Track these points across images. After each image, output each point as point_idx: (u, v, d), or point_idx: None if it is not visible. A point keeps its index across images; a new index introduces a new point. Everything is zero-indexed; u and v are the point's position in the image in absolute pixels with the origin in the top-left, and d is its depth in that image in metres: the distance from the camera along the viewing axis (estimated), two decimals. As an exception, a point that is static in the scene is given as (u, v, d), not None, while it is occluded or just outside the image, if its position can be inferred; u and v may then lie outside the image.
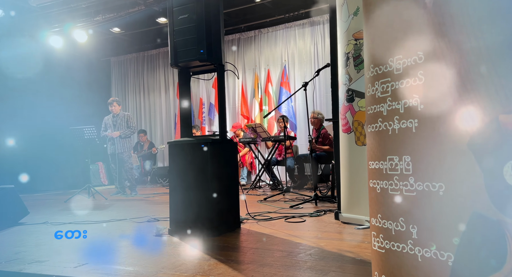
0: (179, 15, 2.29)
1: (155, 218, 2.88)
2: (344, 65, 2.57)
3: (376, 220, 0.92)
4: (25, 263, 1.70)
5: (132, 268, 1.57)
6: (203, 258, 1.72)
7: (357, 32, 2.48)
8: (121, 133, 4.93)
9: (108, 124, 5.05)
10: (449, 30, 0.77)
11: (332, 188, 3.75)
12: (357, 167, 2.41)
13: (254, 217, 2.75)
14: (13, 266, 1.66)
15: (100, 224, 2.75)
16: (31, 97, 7.10)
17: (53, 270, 1.57)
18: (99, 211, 3.52)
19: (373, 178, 0.93)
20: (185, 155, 2.29)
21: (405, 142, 0.84)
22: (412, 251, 0.81)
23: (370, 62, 0.97)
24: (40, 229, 2.62)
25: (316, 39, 6.85)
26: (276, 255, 1.73)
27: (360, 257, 1.62)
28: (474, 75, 0.73)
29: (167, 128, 8.20)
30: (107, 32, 7.19)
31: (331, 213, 2.86)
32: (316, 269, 1.48)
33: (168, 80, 8.24)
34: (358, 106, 2.44)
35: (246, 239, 2.10)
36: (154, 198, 4.72)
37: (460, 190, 0.73)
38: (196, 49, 2.26)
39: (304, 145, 6.63)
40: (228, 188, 2.39)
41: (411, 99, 0.84)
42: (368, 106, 0.97)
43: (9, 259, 1.78)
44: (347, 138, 2.50)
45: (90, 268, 1.59)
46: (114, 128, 5.00)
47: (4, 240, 2.29)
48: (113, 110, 5.02)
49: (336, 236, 2.08)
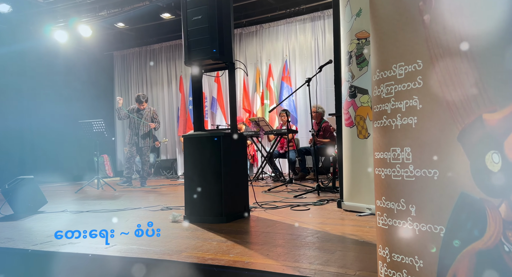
0: (193, 17, 2.43)
1: (167, 207, 3.05)
2: (347, 63, 2.73)
3: (381, 202, 1.09)
4: (59, 244, 1.87)
5: (159, 249, 1.74)
6: (220, 240, 1.89)
7: (360, 32, 2.63)
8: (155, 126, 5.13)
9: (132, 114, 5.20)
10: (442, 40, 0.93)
11: (333, 179, 3.94)
12: (359, 159, 2.58)
13: (262, 206, 2.93)
14: (48, 247, 1.83)
15: (118, 211, 2.92)
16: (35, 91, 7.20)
17: (86, 250, 1.74)
18: (111, 201, 3.69)
19: (378, 166, 1.10)
20: (199, 147, 2.45)
21: (406, 136, 1.01)
22: (411, 226, 0.98)
23: (376, 67, 1.13)
24: (61, 217, 2.79)
25: (317, 34, 6.97)
26: (286, 238, 1.91)
27: (363, 239, 1.80)
28: (463, 79, 0.89)
29: (170, 122, 8.33)
30: (111, 27, 7.27)
31: (334, 202, 3.04)
32: (323, 249, 1.66)
33: (171, 75, 8.35)
34: (360, 101, 2.61)
35: (256, 225, 2.28)
36: (161, 189, 4.89)
37: (451, 175, 0.89)
38: (209, 49, 2.41)
39: (305, 138, 6.81)
40: (239, 178, 2.56)
41: (411, 99, 1.00)
42: (375, 105, 1.13)
43: (42, 241, 1.95)
44: (350, 131, 2.67)
45: (120, 249, 1.77)
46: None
47: (31, 226, 2.46)
48: (140, 106, 5.20)
49: (339, 222, 2.26)
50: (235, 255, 1.60)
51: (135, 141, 5.17)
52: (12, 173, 6.37)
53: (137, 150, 5.20)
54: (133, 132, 5.17)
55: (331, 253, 1.59)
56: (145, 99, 5.26)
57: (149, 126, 5.21)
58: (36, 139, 7.04)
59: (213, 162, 2.39)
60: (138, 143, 5.16)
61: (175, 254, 1.65)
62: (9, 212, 3.03)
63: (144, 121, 5.16)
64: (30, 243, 1.92)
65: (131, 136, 5.18)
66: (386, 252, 1.05)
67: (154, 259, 1.58)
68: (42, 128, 7.16)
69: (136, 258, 1.62)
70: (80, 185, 6.13)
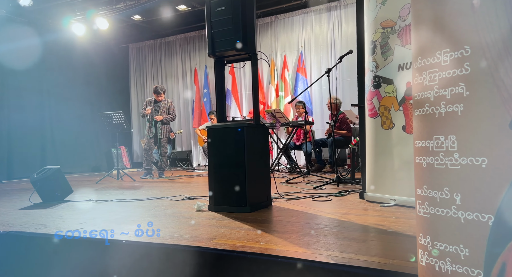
0: (217, 7, 2.42)
1: (189, 197, 3.10)
2: (371, 53, 2.68)
3: (422, 190, 1.08)
4: (92, 231, 1.93)
5: (189, 236, 1.78)
6: (247, 229, 1.92)
7: (385, 21, 2.58)
8: (163, 118, 5.21)
9: (149, 106, 5.29)
10: (493, 25, 0.90)
11: (352, 170, 3.92)
12: (383, 150, 2.56)
13: (283, 196, 2.95)
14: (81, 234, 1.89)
15: (141, 201, 2.99)
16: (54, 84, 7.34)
17: (119, 237, 1.79)
18: (133, 191, 3.77)
19: (419, 155, 1.09)
20: (223, 138, 2.47)
21: (451, 123, 0.99)
22: (455, 214, 0.97)
23: (417, 55, 1.11)
24: (88, 206, 2.87)
25: (333, 25, 6.86)
26: (313, 227, 1.92)
27: (391, 229, 1.80)
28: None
29: (184, 113, 8.39)
30: (127, 19, 7.31)
31: (355, 193, 3.04)
32: (353, 239, 1.67)
33: (185, 67, 8.38)
34: (385, 92, 2.57)
35: (281, 214, 2.29)
36: (179, 180, 4.96)
37: (501, 163, 0.88)
38: (233, 39, 2.41)
39: (320, 130, 6.77)
40: (261, 168, 2.57)
41: (457, 86, 0.98)
42: (415, 93, 1.12)
43: (75, 228, 2.01)
44: (373, 122, 2.65)
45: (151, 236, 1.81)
46: (157, 113, 5.27)
47: (61, 213, 2.53)
48: (158, 98, 5.26)
49: (364, 213, 2.26)
50: (265, 243, 1.63)
51: (153, 133, 5.25)
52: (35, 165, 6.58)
53: (155, 141, 5.29)
54: (151, 124, 5.25)
55: (362, 242, 1.60)
56: (163, 90, 5.31)
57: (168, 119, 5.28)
58: (56, 131, 7.21)
59: (237, 152, 2.41)
60: (156, 135, 5.24)
61: (206, 241, 1.68)
62: (37, 200, 3.13)
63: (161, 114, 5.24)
64: (64, 230, 1.99)
65: (150, 128, 5.25)
66: (427, 240, 1.05)
67: (187, 246, 1.61)
68: (61, 121, 7.32)
69: (169, 244, 1.66)
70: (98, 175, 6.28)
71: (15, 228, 2.06)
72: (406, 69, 2.44)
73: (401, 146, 2.44)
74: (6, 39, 6.38)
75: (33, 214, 2.54)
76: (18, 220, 2.31)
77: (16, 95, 6.60)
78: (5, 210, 2.78)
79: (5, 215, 2.55)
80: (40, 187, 3.05)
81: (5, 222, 2.28)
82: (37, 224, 2.15)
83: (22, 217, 2.42)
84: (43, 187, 3.05)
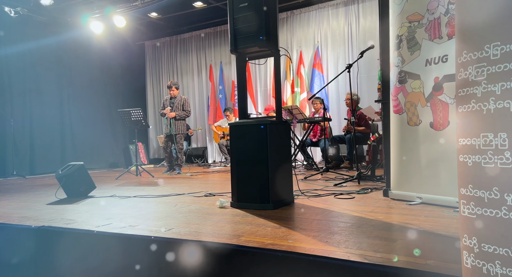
0: (239, 4, 2.40)
1: (210, 193, 3.11)
2: (396, 47, 2.62)
3: (467, 190, 1.04)
4: (119, 227, 1.96)
5: (216, 233, 1.78)
6: (273, 226, 1.91)
7: (412, 14, 2.51)
8: (176, 115, 5.25)
9: (166, 104, 5.35)
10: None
11: (373, 167, 3.86)
12: (409, 147, 2.50)
13: (304, 194, 2.92)
14: (111, 229, 1.91)
15: (163, 197, 3.02)
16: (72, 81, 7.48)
17: (147, 233, 1.80)
18: (153, 187, 3.81)
19: (464, 153, 1.05)
20: (246, 135, 2.46)
21: (501, 120, 0.95)
22: (506, 215, 0.93)
23: (462, 49, 1.06)
24: (112, 201, 2.91)
25: (350, 19, 6.74)
26: (340, 225, 1.89)
27: (422, 228, 1.76)
28: None
29: (200, 110, 8.43)
30: (143, 17, 7.37)
31: (377, 190, 2.99)
32: (383, 238, 1.63)
33: (201, 63, 8.40)
34: (411, 87, 2.51)
35: (305, 212, 2.27)
36: (197, 176, 5.00)
37: (559, 162, 0.84)
38: (256, 36, 2.38)
39: (337, 126, 6.70)
40: (284, 165, 2.55)
41: (509, 81, 0.94)
42: (459, 89, 1.07)
43: (103, 223, 2.04)
44: (399, 118, 2.59)
45: (178, 231, 1.82)
46: (171, 110, 5.33)
47: (88, 209, 2.58)
48: (172, 93, 5.31)
49: (390, 211, 2.22)
50: (294, 241, 1.61)
51: (170, 131, 5.29)
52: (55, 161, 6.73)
53: (172, 138, 5.32)
54: (168, 122, 5.29)
55: (393, 242, 1.56)
56: (174, 85, 5.34)
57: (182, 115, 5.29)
58: (75, 127, 7.35)
59: (260, 149, 2.40)
60: (171, 131, 5.28)
61: (234, 238, 1.68)
62: (62, 196, 3.20)
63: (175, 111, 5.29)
64: (92, 225, 2.02)
65: (168, 125, 5.29)
66: (473, 242, 1.02)
67: (216, 242, 1.61)
68: (80, 117, 7.47)
69: (197, 240, 1.66)
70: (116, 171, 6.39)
71: (46, 222, 2.11)
72: (434, 64, 2.37)
73: (429, 143, 2.38)
74: (27, 37, 6.53)
75: (60, 209, 2.60)
76: (47, 215, 2.37)
77: (37, 93, 6.75)
78: (33, 205, 2.85)
79: (35, 210, 2.62)
80: (65, 183, 3.11)
81: (36, 217, 2.33)
82: (66, 219, 2.20)
83: (50, 212, 2.48)
84: (68, 183, 3.11)
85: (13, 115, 6.19)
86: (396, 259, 1.29)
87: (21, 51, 6.42)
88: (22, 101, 6.51)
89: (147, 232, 1.82)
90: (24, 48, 6.44)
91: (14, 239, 2.02)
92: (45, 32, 6.85)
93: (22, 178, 5.84)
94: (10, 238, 2.02)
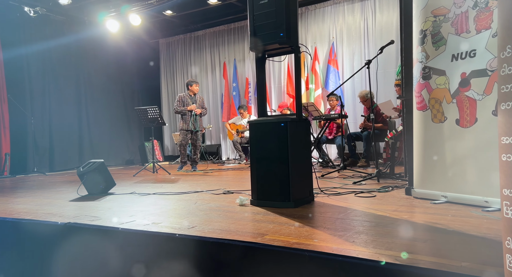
0: (260, 0, 2.38)
1: (228, 191, 3.12)
2: (420, 43, 2.55)
3: (510, 191, 1.00)
4: (143, 224, 1.97)
5: (240, 231, 1.78)
6: (296, 225, 1.89)
7: (437, 8, 2.43)
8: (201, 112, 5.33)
9: (186, 101, 5.36)
10: None
11: (392, 165, 3.79)
12: (433, 144, 2.44)
13: (324, 192, 2.89)
14: (134, 227, 1.93)
15: (182, 194, 3.04)
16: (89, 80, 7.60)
17: (171, 230, 1.81)
18: (171, 184, 3.84)
19: (507, 152, 1.01)
20: (266, 133, 2.44)
21: (549, 118, 0.91)
22: (553, 217, 0.89)
23: (506, 43, 1.02)
24: (132, 198, 2.95)
25: (366, 15, 6.63)
26: (364, 225, 1.86)
27: (451, 228, 1.71)
28: None
29: (214, 108, 8.45)
30: (157, 15, 7.42)
31: (398, 189, 2.93)
32: (412, 238, 1.60)
33: (214, 61, 8.41)
34: (436, 83, 2.44)
35: (327, 211, 2.25)
36: (212, 174, 5.02)
37: None
38: (276, 33, 2.36)
39: (353, 123, 6.61)
40: (304, 163, 2.53)
41: (558, 78, 0.89)
42: (503, 85, 1.03)
43: (126, 221, 2.07)
44: (422, 115, 2.52)
45: (201, 229, 1.82)
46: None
47: (110, 206, 2.62)
48: (194, 90, 5.35)
49: (415, 210, 2.17)
50: (319, 241, 1.59)
51: (190, 128, 5.32)
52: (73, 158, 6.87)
53: (191, 135, 5.35)
54: (189, 119, 5.31)
55: (423, 242, 1.53)
56: (197, 83, 5.42)
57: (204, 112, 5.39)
58: (92, 125, 7.48)
59: (280, 147, 2.38)
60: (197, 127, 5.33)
61: (258, 237, 1.67)
62: (83, 192, 3.26)
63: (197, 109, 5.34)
64: (116, 222, 2.05)
65: (188, 122, 5.32)
66: (517, 244, 0.98)
67: (240, 241, 1.61)
68: (97, 115, 7.59)
69: (221, 239, 1.66)
70: (133, 168, 6.48)
71: (71, 219, 2.15)
72: (461, 59, 2.29)
73: (454, 141, 2.32)
74: (46, 36, 6.66)
75: (83, 206, 2.65)
76: (71, 212, 2.41)
77: (56, 91, 6.89)
78: (57, 201, 2.92)
79: (59, 206, 2.67)
80: (86, 180, 3.17)
81: (60, 213, 2.38)
82: (90, 216, 2.24)
83: (74, 209, 2.53)
84: (89, 180, 3.16)
85: (33, 114, 6.34)
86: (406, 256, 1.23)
87: (41, 51, 6.55)
88: (41, 100, 6.65)
89: (171, 230, 1.83)
90: (43, 48, 6.57)
91: (42, 235, 2.06)
92: (63, 31, 6.97)
93: (43, 174, 5.99)
94: (38, 234, 2.07)
